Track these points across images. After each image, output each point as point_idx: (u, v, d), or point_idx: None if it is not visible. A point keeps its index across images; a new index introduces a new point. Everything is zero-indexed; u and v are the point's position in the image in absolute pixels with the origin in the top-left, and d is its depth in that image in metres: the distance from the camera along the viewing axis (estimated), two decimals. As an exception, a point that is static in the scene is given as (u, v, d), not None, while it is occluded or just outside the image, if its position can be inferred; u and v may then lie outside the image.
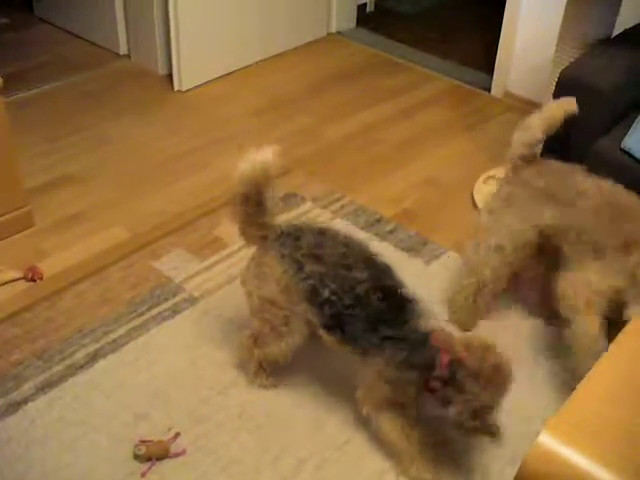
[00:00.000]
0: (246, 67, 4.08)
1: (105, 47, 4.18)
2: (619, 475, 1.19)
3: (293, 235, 2.04)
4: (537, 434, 1.26)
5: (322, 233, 2.06)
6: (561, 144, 2.47)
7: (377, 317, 1.93)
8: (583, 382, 1.38)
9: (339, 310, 1.95)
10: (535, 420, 2.17)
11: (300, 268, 1.99)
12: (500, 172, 3.22)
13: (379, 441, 2.11)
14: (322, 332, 2.04)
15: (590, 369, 1.40)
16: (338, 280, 1.96)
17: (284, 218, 2.19)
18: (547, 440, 1.25)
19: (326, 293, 1.96)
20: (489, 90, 3.96)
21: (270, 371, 2.24)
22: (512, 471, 1.28)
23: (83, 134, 3.47)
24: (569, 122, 2.39)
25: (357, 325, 1.94)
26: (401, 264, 2.67)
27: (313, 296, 1.98)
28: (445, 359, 1.86)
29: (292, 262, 2.00)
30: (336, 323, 1.98)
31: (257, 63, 4.13)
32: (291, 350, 2.14)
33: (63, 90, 3.82)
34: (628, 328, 1.50)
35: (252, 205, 2.01)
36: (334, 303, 1.95)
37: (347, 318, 1.95)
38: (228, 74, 4.00)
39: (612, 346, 1.47)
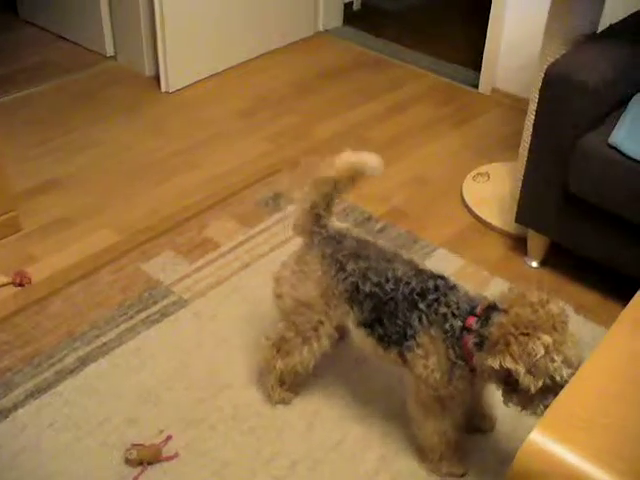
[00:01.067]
0: (233, 67, 4.07)
1: (91, 49, 4.16)
2: (612, 472, 1.18)
3: (336, 239, 2.01)
4: (529, 431, 1.25)
5: (362, 240, 2.03)
6: (547, 140, 2.46)
7: (414, 292, 1.87)
8: (575, 379, 1.38)
9: (381, 299, 1.91)
10: (528, 417, 2.17)
11: (342, 268, 1.96)
12: (489, 169, 3.24)
13: (373, 441, 2.11)
14: (361, 332, 1.98)
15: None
16: (380, 272, 1.92)
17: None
18: (539, 438, 1.24)
19: (368, 287, 1.92)
20: (477, 87, 3.96)
21: (289, 384, 2.19)
22: (505, 469, 1.27)
23: (70, 137, 3.45)
24: (555, 118, 2.40)
25: (398, 307, 1.88)
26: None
27: (354, 294, 1.95)
28: (484, 304, 1.80)
29: (333, 262, 1.97)
30: (376, 316, 1.93)
31: (244, 63, 4.12)
32: (314, 358, 2.08)
33: (49, 93, 3.80)
34: (619, 320, 1.50)
35: (324, 201, 1.99)
36: (376, 294, 1.92)
37: (387, 306, 1.90)
38: (215, 74, 3.99)
39: (603, 341, 1.47)
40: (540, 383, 1.63)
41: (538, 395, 1.67)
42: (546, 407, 1.63)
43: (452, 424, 1.96)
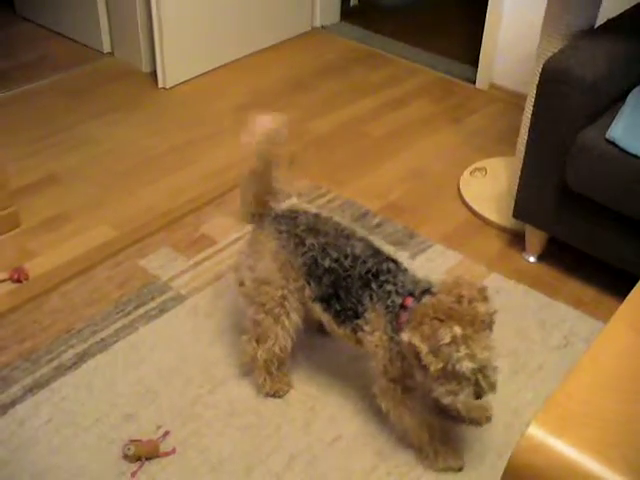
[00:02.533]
0: (230, 63, 4.06)
1: (88, 45, 4.15)
2: (609, 465, 1.18)
3: (289, 216, 2.07)
4: (527, 425, 1.25)
5: (317, 215, 2.10)
6: (545, 135, 2.47)
7: (370, 272, 1.93)
8: (572, 372, 1.38)
9: (339, 275, 1.96)
10: (526, 411, 2.18)
11: (301, 242, 2.00)
12: (487, 164, 3.24)
13: (369, 436, 2.11)
14: (317, 307, 2.03)
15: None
16: (339, 248, 1.98)
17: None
18: (536, 432, 1.24)
19: (327, 262, 1.97)
20: (474, 82, 3.96)
21: (277, 374, 2.20)
22: (504, 463, 1.27)
23: (67, 133, 3.45)
24: (553, 113, 2.40)
25: (353, 285, 1.94)
26: (389, 258, 2.69)
27: (312, 268, 1.99)
28: (422, 287, 1.88)
29: (291, 237, 2.02)
30: (333, 292, 1.98)
31: (241, 59, 4.11)
32: (290, 337, 2.11)
33: (46, 89, 3.79)
34: (617, 315, 1.50)
35: (259, 178, 2.02)
36: (334, 270, 1.96)
37: (344, 282, 1.95)
38: (212, 70, 3.99)
39: (601, 336, 1.47)
40: (440, 366, 1.73)
41: (441, 378, 1.77)
42: (448, 393, 1.78)
43: (425, 409, 2.00)
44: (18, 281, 2.59)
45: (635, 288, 1.58)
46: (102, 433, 2.11)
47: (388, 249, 2.06)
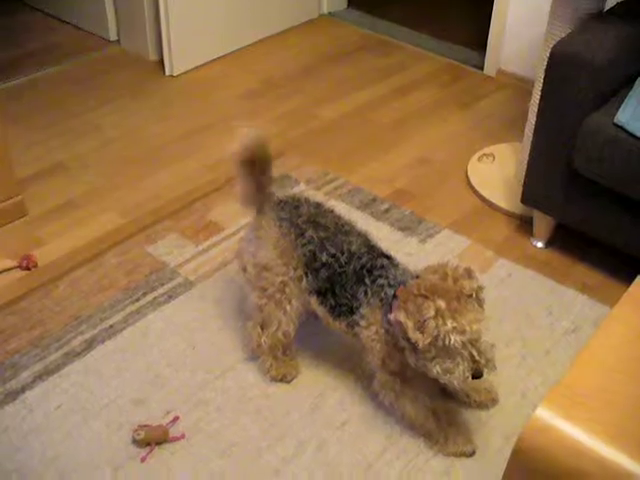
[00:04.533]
0: (237, 50, 4.06)
1: (95, 33, 4.16)
2: (616, 447, 1.19)
3: (292, 204, 2.08)
4: (534, 408, 1.26)
5: (318, 206, 2.10)
6: (553, 120, 2.46)
7: (364, 267, 1.96)
8: (580, 355, 1.38)
9: (335, 270, 1.98)
10: (534, 395, 2.18)
11: (301, 233, 2.02)
12: (494, 150, 3.23)
13: (378, 420, 2.12)
14: (313, 299, 2.05)
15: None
16: (337, 244, 1.99)
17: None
18: (544, 414, 1.24)
19: (324, 257, 1.99)
20: (482, 68, 3.95)
21: (283, 359, 2.22)
22: (511, 447, 1.28)
23: (74, 121, 3.45)
24: (561, 97, 2.39)
25: (348, 280, 1.96)
26: (397, 243, 2.70)
27: (310, 261, 2.01)
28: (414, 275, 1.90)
29: (292, 227, 2.03)
30: (329, 286, 2.00)
31: (248, 46, 4.11)
32: (292, 322, 2.12)
33: (53, 77, 3.80)
34: (623, 300, 1.50)
35: (255, 166, 2.04)
36: (331, 265, 1.98)
37: (339, 277, 1.98)
38: (219, 57, 3.99)
39: (607, 320, 1.47)
40: (427, 341, 1.74)
41: (435, 357, 1.79)
42: (444, 371, 1.79)
43: (427, 397, 2.01)
44: (27, 269, 2.60)
45: (643, 271, 1.58)
46: (111, 419, 2.12)
47: (392, 238, 2.06)
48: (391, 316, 1.82)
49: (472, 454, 2.04)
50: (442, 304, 1.74)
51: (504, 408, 2.16)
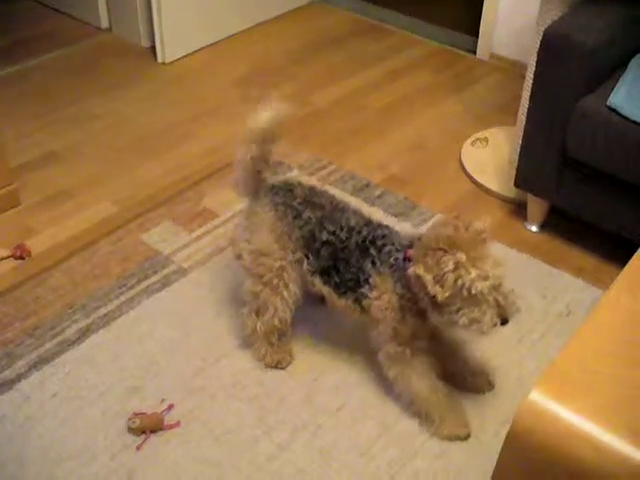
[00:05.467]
0: (229, 37, 4.04)
1: (86, 21, 4.13)
2: (610, 429, 1.19)
3: (285, 188, 2.07)
4: (529, 392, 1.26)
5: (312, 188, 2.10)
6: (546, 103, 2.45)
7: (367, 239, 1.96)
8: (573, 338, 1.38)
9: (336, 247, 1.98)
10: (528, 380, 2.18)
11: (298, 215, 2.02)
12: (488, 134, 3.23)
13: (373, 406, 2.12)
14: (316, 280, 2.04)
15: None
16: (335, 221, 2.00)
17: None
18: (538, 397, 1.24)
19: (324, 236, 1.99)
20: (474, 52, 3.94)
21: (278, 344, 2.22)
22: (506, 430, 1.28)
23: (67, 110, 3.44)
24: (554, 80, 2.39)
25: (352, 255, 1.96)
26: (390, 229, 2.69)
27: (310, 242, 2.01)
28: (417, 236, 1.92)
29: (288, 210, 2.03)
30: (332, 264, 2.00)
31: (240, 33, 4.09)
32: (289, 309, 2.12)
33: (45, 66, 3.78)
34: (617, 283, 1.50)
35: (259, 154, 2.03)
36: (331, 242, 1.98)
37: (342, 253, 1.97)
38: (211, 44, 3.97)
39: (601, 302, 1.47)
40: (447, 294, 1.76)
41: (461, 309, 1.80)
42: (471, 321, 1.80)
43: (432, 373, 2.02)
44: (20, 258, 2.60)
45: (636, 254, 1.58)
46: (107, 407, 2.12)
47: (383, 218, 2.08)
48: (410, 272, 1.82)
49: (466, 438, 2.05)
50: (462, 256, 1.75)
51: (499, 393, 2.16)
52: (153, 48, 3.83)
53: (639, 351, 1.34)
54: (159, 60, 3.81)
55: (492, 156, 3.10)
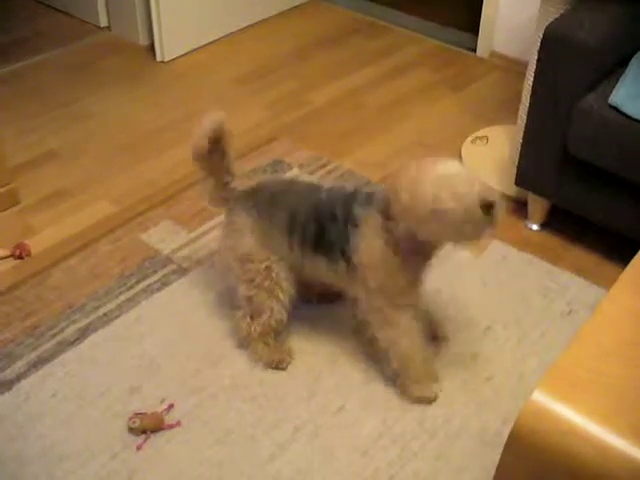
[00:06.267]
0: (229, 35, 4.04)
1: (85, 20, 4.12)
2: (613, 430, 1.19)
3: (251, 192, 2.09)
4: (531, 392, 1.25)
5: (281, 181, 2.18)
6: (546, 101, 2.45)
7: (349, 200, 1.98)
8: (576, 338, 1.38)
9: (322, 218, 1.99)
10: (530, 379, 2.18)
11: (273, 204, 2.04)
12: (488, 132, 3.22)
13: (373, 405, 2.12)
14: (308, 259, 2.05)
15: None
16: (311, 199, 2.02)
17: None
18: (541, 397, 1.24)
19: (302, 211, 2.01)
20: (474, 50, 3.93)
21: (275, 345, 2.22)
22: (508, 430, 1.27)
23: (66, 109, 3.43)
24: (555, 78, 2.38)
25: (335, 223, 1.97)
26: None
27: (292, 225, 2.02)
28: None
29: (262, 207, 2.05)
30: (317, 238, 2.01)
31: (239, 31, 4.08)
32: (285, 308, 2.13)
33: (44, 65, 3.77)
34: (619, 282, 1.50)
35: (215, 161, 2.07)
36: (311, 214, 2.00)
37: (326, 220, 1.99)
38: (211, 43, 3.96)
39: (604, 302, 1.46)
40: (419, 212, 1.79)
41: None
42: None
43: (420, 333, 2.05)
44: (20, 257, 2.59)
45: (638, 254, 1.57)
46: (107, 407, 2.11)
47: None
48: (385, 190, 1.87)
49: (434, 400, 2.11)
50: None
51: (501, 392, 2.16)
52: (152, 46, 3.82)
53: (641, 351, 1.34)
54: (158, 59, 3.80)
55: (492, 155, 3.10)
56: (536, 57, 2.44)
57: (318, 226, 2.00)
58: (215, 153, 2.06)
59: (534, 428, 1.23)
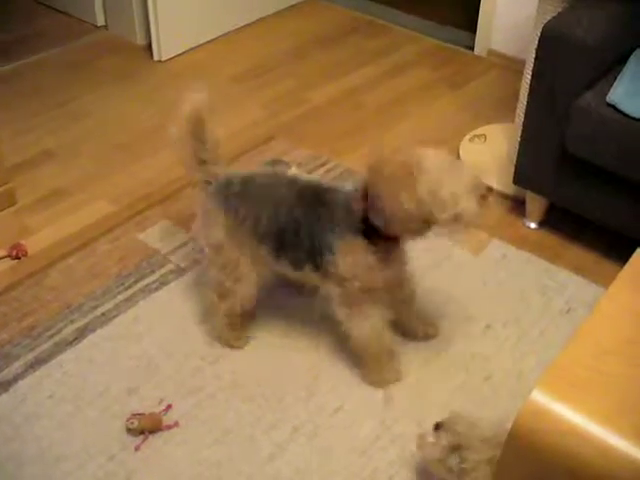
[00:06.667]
0: (226, 34, 4.03)
1: (82, 19, 4.11)
2: (613, 429, 1.18)
3: (225, 182, 2.10)
4: (530, 391, 1.25)
5: (249, 178, 2.12)
6: (544, 99, 2.44)
7: (319, 220, 1.97)
8: (575, 336, 1.37)
9: (289, 216, 1.99)
10: (529, 377, 2.17)
11: (242, 202, 2.05)
12: (486, 130, 3.21)
13: (372, 406, 2.11)
14: (272, 262, 2.08)
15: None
16: (276, 194, 2.03)
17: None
18: (539, 397, 1.23)
19: (268, 212, 2.01)
20: (472, 49, 3.93)
21: (240, 325, 2.26)
22: (507, 429, 1.27)
23: (63, 108, 3.42)
24: (553, 76, 2.37)
25: (301, 226, 1.98)
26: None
27: (258, 224, 2.03)
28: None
29: (231, 203, 2.06)
30: (283, 240, 2.01)
31: (237, 30, 4.08)
32: (252, 294, 2.17)
33: (41, 64, 3.76)
34: (617, 280, 1.49)
35: (197, 143, 2.07)
36: (275, 225, 2.01)
37: (293, 224, 1.99)
38: (208, 42, 3.95)
39: (602, 300, 1.46)
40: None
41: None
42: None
43: (383, 322, 2.08)
44: (17, 258, 2.59)
45: (636, 252, 1.57)
46: (105, 407, 2.10)
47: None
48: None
49: (395, 382, 2.16)
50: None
51: (500, 391, 2.15)
52: (149, 46, 3.81)
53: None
54: (155, 58, 3.79)
55: (490, 153, 3.09)
56: (534, 55, 2.43)
57: (282, 237, 2.02)
58: (196, 133, 2.07)
59: (533, 428, 1.23)
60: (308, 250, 1.99)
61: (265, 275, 2.17)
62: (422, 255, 2.48)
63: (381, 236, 1.90)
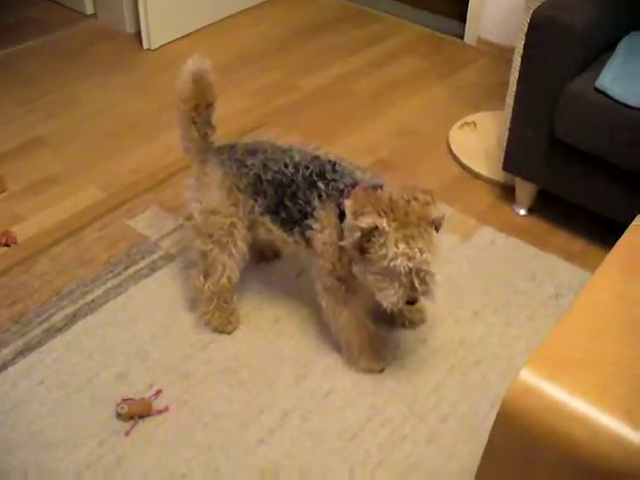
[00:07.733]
0: (215, 23, 4.02)
1: (71, 7, 4.10)
2: (600, 407, 1.19)
3: (228, 145, 2.15)
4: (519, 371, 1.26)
5: (254, 141, 2.20)
6: (534, 86, 2.44)
7: (314, 173, 2.02)
8: (563, 318, 1.38)
9: (282, 183, 2.04)
10: (518, 362, 2.18)
11: (242, 164, 2.09)
12: (476, 118, 3.22)
13: (362, 389, 2.12)
14: (266, 219, 2.10)
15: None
16: (279, 160, 2.07)
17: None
18: (528, 376, 1.24)
19: (269, 175, 2.05)
20: (462, 37, 3.93)
21: (229, 310, 2.26)
22: (496, 412, 1.28)
23: (53, 96, 3.41)
24: (542, 63, 2.38)
25: (299, 188, 2.02)
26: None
27: (257, 185, 2.07)
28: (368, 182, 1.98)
29: (233, 162, 2.10)
30: (279, 200, 2.05)
31: (226, 19, 4.07)
32: (237, 265, 2.18)
33: (30, 52, 3.75)
34: (604, 266, 1.50)
35: (199, 109, 2.13)
36: (277, 180, 2.05)
37: (289, 189, 2.03)
38: (197, 31, 3.94)
39: (590, 283, 1.47)
40: (348, 242, 1.85)
41: (378, 274, 1.86)
42: (380, 289, 1.86)
43: (363, 312, 2.10)
44: (6, 245, 2.58)
45: (623, 236, 1.58)
46: (94, 393, 2.10)
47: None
48: (345, 202, 1.88)
49: (381, 371, 2.16)
50: (385, 226, 1.78)
51: (489, 376, 2.16)
52: (139, 34, 3.80)
53: (627, 330, 1.34)
54: (145, 46, 3.78)
55: (480, 140, 3.10)
56: (523, 42, 2.43)
57: (280, 197, 2.05)
58: (199, 100, 2.13)
59: (522, 407, 1.24)
60: (299, 212, 2.02)
61: (253, 245, 2.21)
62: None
63: None
